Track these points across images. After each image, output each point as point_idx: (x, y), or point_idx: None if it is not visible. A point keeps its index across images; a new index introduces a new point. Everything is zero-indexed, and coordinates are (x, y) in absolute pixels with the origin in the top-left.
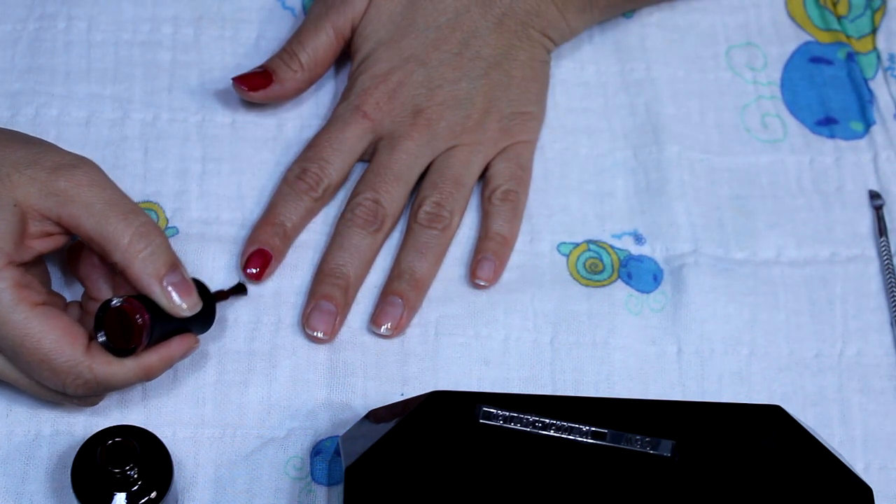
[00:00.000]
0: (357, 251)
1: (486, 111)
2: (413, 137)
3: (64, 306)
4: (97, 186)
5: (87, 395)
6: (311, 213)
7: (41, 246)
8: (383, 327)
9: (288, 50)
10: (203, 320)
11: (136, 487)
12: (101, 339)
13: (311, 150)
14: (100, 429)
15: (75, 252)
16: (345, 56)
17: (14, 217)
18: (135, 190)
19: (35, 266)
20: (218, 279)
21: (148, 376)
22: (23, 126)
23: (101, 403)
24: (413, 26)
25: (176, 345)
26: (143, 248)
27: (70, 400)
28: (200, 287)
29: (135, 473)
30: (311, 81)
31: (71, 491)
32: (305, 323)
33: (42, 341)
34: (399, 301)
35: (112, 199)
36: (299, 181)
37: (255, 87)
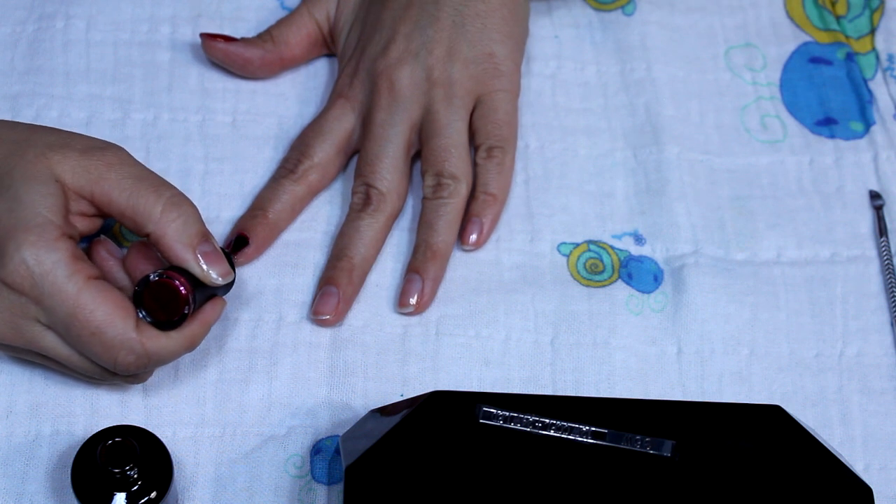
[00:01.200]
0: (358, 233)
1: (447, 59)
2: (380, 105)
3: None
4: (127, 164)
5: (136, 370)
6: (293, 197)
7: (82, 225)
8: (409, 301)
9: (264, 30)
10: (226, 283)
11: (136, 487)
12: (146, 317)
13: (297, 139)
14: (100, 429)
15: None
16: None
17: (58, 190)
18: None
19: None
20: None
21: (192, 345)
22: None
23: (99, 403)
24: (374, 2)
25: (210, 310)
26: (176, 217)
27: (119, 378)
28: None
29: (135, 473)
30: (280, 58)
31: (71, 491)
32: (313, 311)
33: (95, 313)
34: (417, 277)
35: (141, 175)
36: (280, 169)
37: (218, 38)
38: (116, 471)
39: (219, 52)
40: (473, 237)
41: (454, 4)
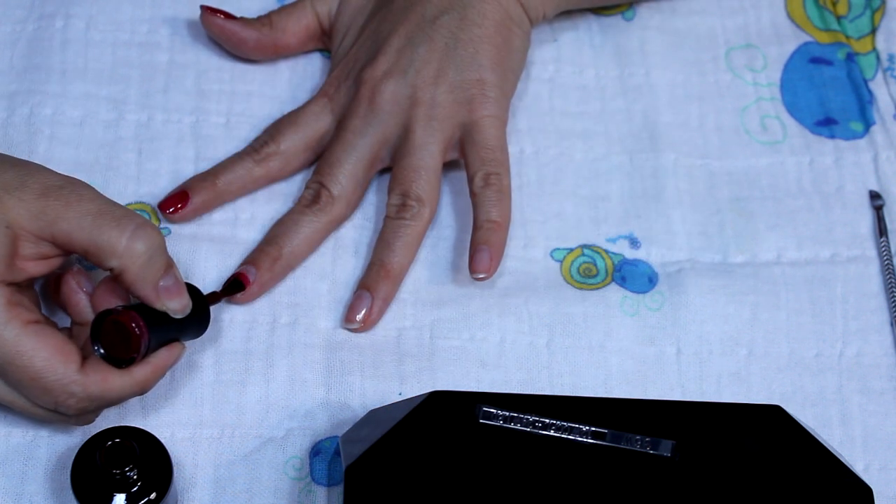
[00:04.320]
0: (295, 227)
1: (434, 81)
2: (357, 113)
3: (56, 327)
4: (86, 200)
5: (81, 413)
6: (248, 174)
7: (35, 269)
8: (356, 317)
9: (265, 14)
10: (197, 325)
11: (135, 488)
12: (100, 351)
13: (270, 124)
14: (99, 430)
15: (53, 282)
16: None
17: (6, 238)
18: (128, 191)
19: (27, 289)
20: (210, 278)
21: (143, 388)
22: (17, 126)
23: None
24: (376, 7)
25: (165, 354)
26: (138, 252)
27: (65, 418)
28: (193, 291)
29: (134, 474)
30: (275, 44)
31: (70, 492)
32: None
33: (33, 359)
34: (367, 294)
35: (101, 210)
36: (247, 147)
37: (218, 14)
38: (116, 472)
39: (216, 28)
40: (482, 266)
41: (450, 27)
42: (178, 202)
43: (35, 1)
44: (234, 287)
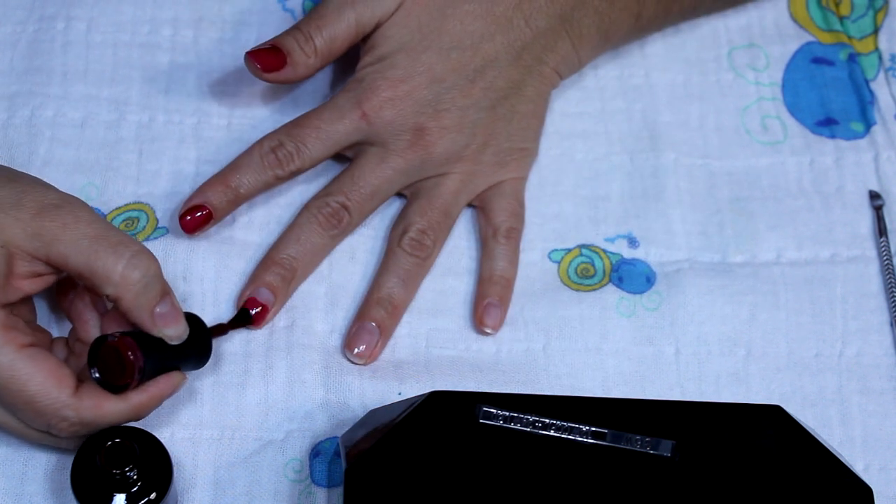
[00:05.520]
0: (311, 248)
1: (485, 144)
2: (406, 157)
3: (49, 343)
4: (83, 223)
5: (73, 436)
6: (268, 188)
7: (30, 287)
8: (357, 350)
9: (304, 31)
10: (199, 355)
11: (135, 488)
12: (95, 375)
13: (296, 128)
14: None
15: (64, 288)
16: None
17: (1, 258)
18: (127, 191)
19: (22, 304)
20: (208, 279)
21: (138, 415)
22: (18, 128)
23: None
24: (437, 41)
25: (163, 383)
26: (135, 280)
27: (57, 440)
28: (196, 322)
29: (134, 474)
30: (320, 69)
31: (70, 492)
32: (239, 302)
33: (28, 384)
34: (375, 328)
35: (98, 234)
36: (271, 154)
37: (268, 69)
38: (116, 472)
39: (269, 81)
40: (493, 323)
41: (512, 101)
42: (203, 223)
43: (36, 2)
44: (243, 319)
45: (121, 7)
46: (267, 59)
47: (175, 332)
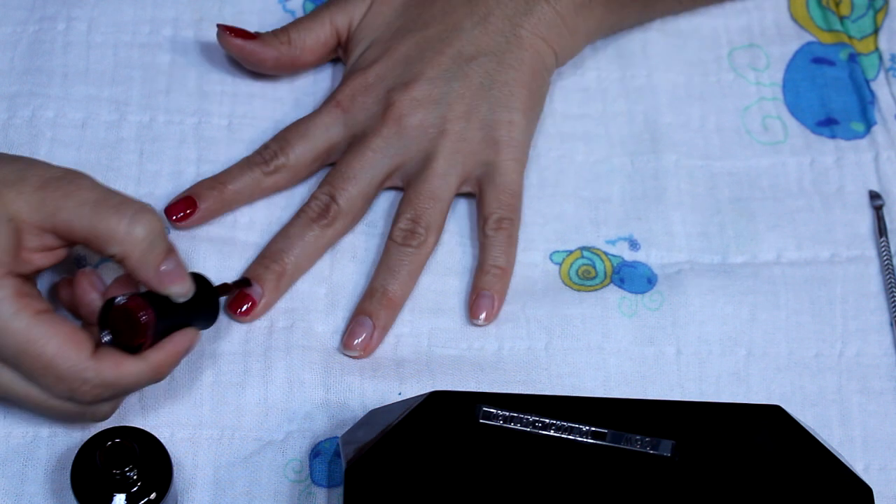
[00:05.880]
0: (301, 241)
1: (465, 116)
2: (381, 133)
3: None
4: (84, 189)
5: (97, 400)
6: (258, 186)
7: (41, 261)
8: (354, 342)
9: (282, 27)
10: (207, 314)
11: (135, 488)
12: (107, 338)
13: (281, 131)
14: (98, 430)
15: (62, 287)
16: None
17: (9, 231)
18: (127, 192)
19: (33, 283)
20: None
21: (158, 375)
22: (19, 128)
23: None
24: (403, 27)
25: (178, 339)
26: (139, 237)
27: (82, 411)
28: (203, 281)
29: (134, 475)
30: (293, 62)
31: (70, 492)
32: (227, 306)
33: (46, 346)
34: (369, 321)
35: (100, 198)
36: (256, 155)
37: (238, 35)
38: (116, 472)
39: (234, 48)
40: (484, 314)
41: (486, 67)
42: (185, 209)
43: (36, 2)
44: (246, 282)
45: (121, 7)
46: (239, 31)
47: (181, 290)
